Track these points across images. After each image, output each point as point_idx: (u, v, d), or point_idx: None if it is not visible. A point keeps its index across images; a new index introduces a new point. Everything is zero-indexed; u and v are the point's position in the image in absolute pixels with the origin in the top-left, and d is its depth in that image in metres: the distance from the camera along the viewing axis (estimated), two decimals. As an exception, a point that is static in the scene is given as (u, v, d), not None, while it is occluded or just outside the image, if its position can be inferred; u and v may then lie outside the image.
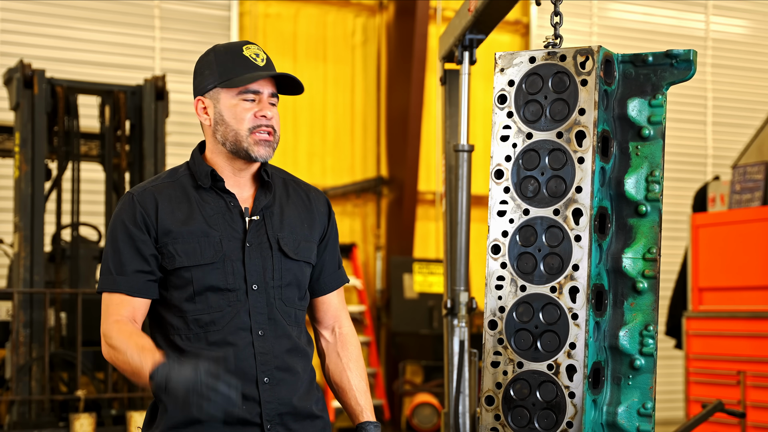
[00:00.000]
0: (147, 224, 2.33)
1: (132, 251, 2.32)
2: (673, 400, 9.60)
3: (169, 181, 2.41)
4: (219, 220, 2.36)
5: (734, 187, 6.52)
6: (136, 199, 2.36)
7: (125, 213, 2.35)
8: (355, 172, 9.39)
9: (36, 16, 8.19)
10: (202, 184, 2.39)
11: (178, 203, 2.36)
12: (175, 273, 2.33)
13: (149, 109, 5.76)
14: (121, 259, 2.32)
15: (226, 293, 2.33)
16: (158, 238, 2.33)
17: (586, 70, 2.27)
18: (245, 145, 2.35)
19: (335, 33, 9.36)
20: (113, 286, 2.32)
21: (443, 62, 4.18)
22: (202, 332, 2.32)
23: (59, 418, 5.32)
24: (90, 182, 6.74)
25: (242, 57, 2.37)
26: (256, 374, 2.32)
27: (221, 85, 2.37)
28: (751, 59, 10.97)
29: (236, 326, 2.32)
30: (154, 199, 2.36)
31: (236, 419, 2.29)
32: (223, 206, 2.38)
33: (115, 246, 2.34)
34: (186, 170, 2.44)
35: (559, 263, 2.26)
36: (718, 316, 6.28)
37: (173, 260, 2.32)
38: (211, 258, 2.32)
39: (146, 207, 2.34)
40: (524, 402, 2.28)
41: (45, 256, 5.58)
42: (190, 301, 2.32)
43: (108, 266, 2.34)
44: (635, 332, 2.29)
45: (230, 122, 2.36)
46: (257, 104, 2.37)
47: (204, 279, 2.31)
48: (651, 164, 2.31)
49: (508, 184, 2.34)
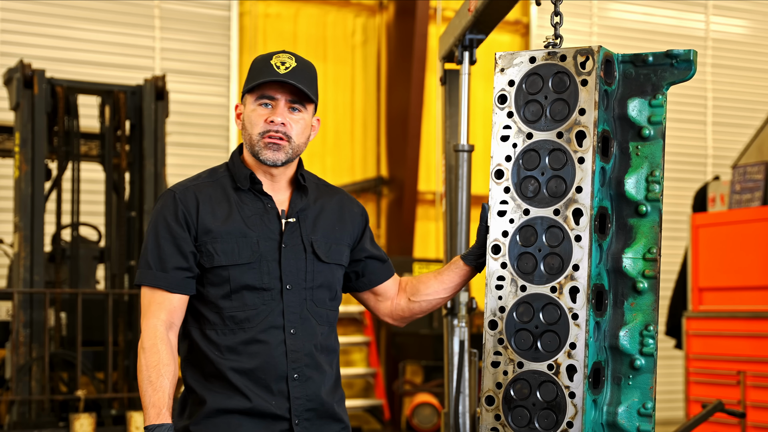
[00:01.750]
0: (188, 222, 2.41)
1: (172, 248, 2.40)
2: (673, 400, 9.60)
3: (210, 180, 2.50)
4: (257, 221, 2.45)
5: (734, 187, 6.52)
6: (178, 197, 2.44)
7: (167, 210, 2.43)
8: (355, 172, 9.39)
9: (36, 16, 8.19)
10: (241, 186, 2.48)
11: (218, 203, 2.45)
12: (213, 271, 2.41)
13: (149, 109, 5.76)
14: (162, 255, 2.40)
15: (262, 292, 2.41)
16: (198, 236, 2.42)
17: (586, 70, 2.27)
18: (257, 149, 2.45)
19: (335, 33, 9.36)
20: (153, 281, 2.40)
21: (443, 62, 4.18)
22: (237, 328, 2.40)
23: (59, 418, 5.32)
24: (90, 182, 6.74)
25: (268, 65, 2.45)
26: (287, 371, 2.41)
27: (246, 91, 2.48)
28: (751, 59, 10.97)
29: (269, 324, 2.41)
30: (195, 197, 2.44)
31: (267, 414, 2.39)
32: (261, 208, 2.47)
33: (156, 242, 2.41)
34: (225, 171, 2.52)
35: (560, 263, 2.26)
36: (718, 316, 6.28)
37: (212, 259, 2.41)
38: (248, 258, 2.41)
39: (188, 205, 2.43)
40: (524, 402, 2.28)
41: (45, 256, 5.58)
42: (226, 299, 2.41)
43: (148, 260, 2.41)
44: (635, 332, 2.29)
45: (247, 126, 2.47)
46: (272, 110, 2.44)
47: (241, 278, 2.40)
48: (651, 164, 2.30)
49: (508, 184, 2.34)
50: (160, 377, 2.32)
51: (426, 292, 2.63)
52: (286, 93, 2.44)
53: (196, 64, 8.74)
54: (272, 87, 2.44)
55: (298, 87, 2.43)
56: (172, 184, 2.60)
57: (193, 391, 2.43)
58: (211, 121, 8.83)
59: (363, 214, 2.67)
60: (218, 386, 2.40)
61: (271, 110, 2.44)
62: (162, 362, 2.33)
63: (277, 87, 2.44)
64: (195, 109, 8.67)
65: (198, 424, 2.39)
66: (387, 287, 2.68)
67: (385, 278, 2.68)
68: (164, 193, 2.49)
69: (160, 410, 2.30)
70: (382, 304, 2.69)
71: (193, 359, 2.45)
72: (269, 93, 2.44)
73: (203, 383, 2.41)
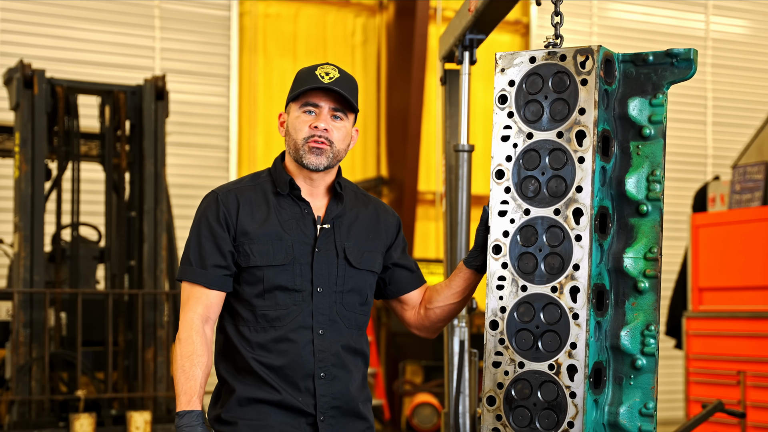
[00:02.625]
0: (228, 223, 2.55)
1: (213, 247, 2.54)
2: (673, 400, 9.60)
3: (251, 185, 2.63)
4: (293, 225, 2.57)
5: (734, 187, 6.52)
6: (220, 198, 2.58)
7: (210, 211, 2.57)
8: (355, 172, 9.39)
9: (36, 16, 8.19)
10: (281, 191, 2.60)
11: (258, 206, 2.58)
12: (248, 270, 2.54)
13: (149, 109, 5.76)
14: (202, 253, 2.54)
15: (293, 293, 2.53)
16: (236, 236, 2.55)
17: (586, 69, 2.27)
18: (300, 153, 2.56)
19: (335, 33, 9.36)
20: (193, 277, 2.53)
21: (443, 62, 4.17)
22: (269, 326, 2.52)
23: (59, 418, 5.32)
24: (90, 182, 6.73)
25: (312, 75, 2.57)
26: (314, 369, 2.52)
27: (290, 100, 2.60)
28: (751, 59, 10.97)
29: (299, 324, 2.53)
30: (237, 200, 2.58)
31: (294, 408, 2.50)
32: (298, 213, 2.59)
33: (198, 240, 2.55)
34: (267, 176, 2.65)
35: (560, 263, 2.26)
36: (718, 316, 6.28)
37: (248, 259, 2.53)
38: (282, 260, 2.53)
39: (229, 207, 2.57)
40: (525, 402, 2.28)
41: (45, 256, 5.58)
42: (260, 297, 2.53)
43: (189, 257, 2.55)
44: (636, 332, 2.29)
45: (292, 132, 2.58)
46: (315, 117, 2.56)
47: (274, 278, 2.53)
48: (652, 163, 2.30)
49: (508, 184, 2.34)
50: (193, 367, 2.44)
51: (437, 299, 2.70)
52: (329, 101, 2.56)
53: (196, 64, 8.74)
54: (316, 95, 2.55)
55: (341, 95, 2.55)
56: (172, 184, 2.64)
57: (225, 382, 2.56)
58: (211, 121, 8.82)
59: (398, 224, 2.77)
60: (249, 379, 2.52)
61: (315, 117, 2.55)
62: (196, 353, 2.46)
63: (321, 95, 2.55)
64: (195, 109, 8.66)
65: (229, 412, 2.52)
66: (413, 296, 2.76)
67: (412, 288, 2.76)
68: (208, 195, 2.62)
69: (191, 398, 2.42)
70: (408, 313, 2.78)
71: (227, 353, 2.57)
72: (313, 101, 2.55)
73: (235, 375, 2.54)
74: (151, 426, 5.31)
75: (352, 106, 2.60)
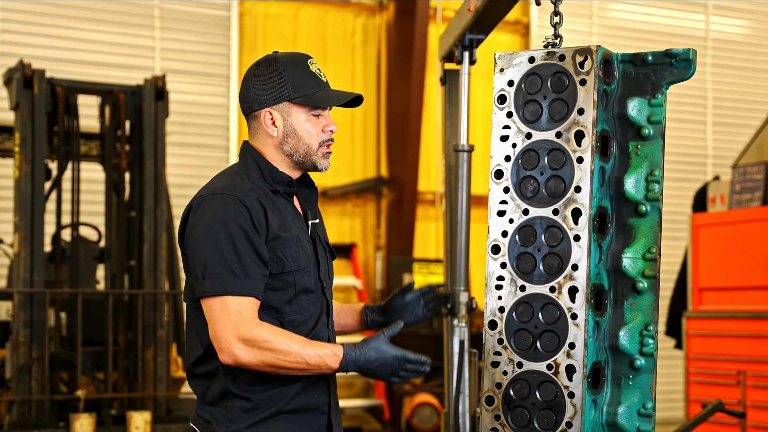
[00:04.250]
0: (260, 227, 2.37)
1: (253, 255, 2.34)
2: (673, 400, 9.60)
3: (255, 185, 2.46)
4: (297, 224, 2.49)
5: (734, 187, 6.52)
6: (244, 201, 2.37)
7: (239, 215, 2.35)
8: (355, 172, 9.39)
9: (36, 16, 8.19)
10: (280, 189, 2.48)
11: (274, 208, 2.44)
12: (279, 276, 2.39)
13: (149, 109, 5.76)
14: (244, 263, 2.32)
15: (310, 294, 2.46)
16: (267, 241, 2.38)
17: (584, 69, 2.27)
18: (314, 158, 2.48)
19: (335, 33, 9.36)
20: (244, 290, 2.32)
21: (443, 62, 4.18)
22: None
23: (59, 418, 5.32)
24: (90, 182, 6.74)
25: (311, 73, 2.48)
26: None
27: (296, 101, 2.46)
28: (751, 59, 10.97)
29: (322, 324, 2.49)
30: (260, 203, 2.40)
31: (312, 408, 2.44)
32: (293, 211, 2.51)
33: (234, 249, 2.32)
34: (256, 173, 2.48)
35: (559, 263, 2.26)
36: (718, 316, 6.28)
37: (281, 264, 2.39)
38: (305, 262, 2.45)
39: (257, 210, 2.38)
40: (524, 402, 2.28)
41: (45, 256, 5.58)
42: (288, 303, 2.41)
43: (231, 269, 2.31)
44: (635, 332, 2.29)
45: (303, 136, 2.47)
46: (324, 119, 2.50)
47: (301, 282, 2.43)
48: (651, 164, 2.30)
49: (507, 184, 2.34)
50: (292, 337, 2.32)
51: None
52: None
53: (196, 64, 8.74)
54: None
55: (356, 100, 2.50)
56: (172, 184, 2.60)
57: (236, 396, 2.39)
58: (211, 121, 8.82)
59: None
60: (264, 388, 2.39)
61: (324, 119, 2.49)
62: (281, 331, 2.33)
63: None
64: (195, 109, 8.67)
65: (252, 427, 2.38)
66: None
67: None
68: (220, 197, 2.38)
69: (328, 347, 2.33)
70: None
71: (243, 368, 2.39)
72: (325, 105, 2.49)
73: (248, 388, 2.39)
74: (151, 426, 5.31)
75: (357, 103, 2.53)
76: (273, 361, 2.30)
